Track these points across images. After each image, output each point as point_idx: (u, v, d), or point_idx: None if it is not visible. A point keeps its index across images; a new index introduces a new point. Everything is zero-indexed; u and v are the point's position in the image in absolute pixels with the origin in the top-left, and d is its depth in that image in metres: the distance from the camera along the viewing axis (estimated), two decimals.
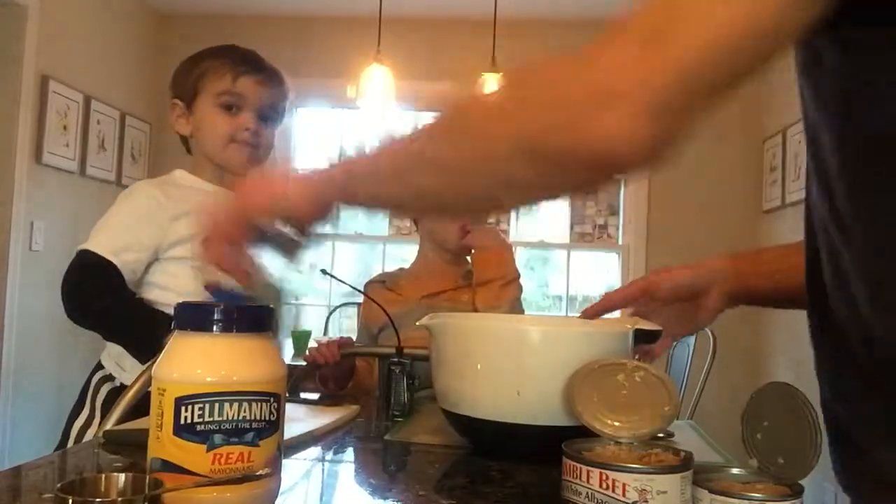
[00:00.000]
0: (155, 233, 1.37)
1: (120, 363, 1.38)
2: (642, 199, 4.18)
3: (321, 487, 0.83)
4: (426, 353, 0.98)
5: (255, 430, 0.62)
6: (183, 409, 0.60)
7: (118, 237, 1.36)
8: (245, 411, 0.61)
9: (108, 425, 1.04)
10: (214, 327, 0.62)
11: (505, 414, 0.86)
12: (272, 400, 0.63)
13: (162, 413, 0.61)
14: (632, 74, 0.50)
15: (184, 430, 0.60)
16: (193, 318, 0.63)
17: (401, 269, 1.84)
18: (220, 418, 0.61)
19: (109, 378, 1.39)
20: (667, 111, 0.50)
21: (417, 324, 0.96)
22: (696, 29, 0.50)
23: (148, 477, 0.63)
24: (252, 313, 0.66)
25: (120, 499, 0.62)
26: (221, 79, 1.43)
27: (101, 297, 1.33)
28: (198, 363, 0.62)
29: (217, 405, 0.60)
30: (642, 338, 0.93)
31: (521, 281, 1.77)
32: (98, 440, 0.93)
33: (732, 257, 1.02)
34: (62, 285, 1.33)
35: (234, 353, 0.63)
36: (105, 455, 0.86)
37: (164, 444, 0.61)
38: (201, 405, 0.60)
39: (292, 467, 0.87)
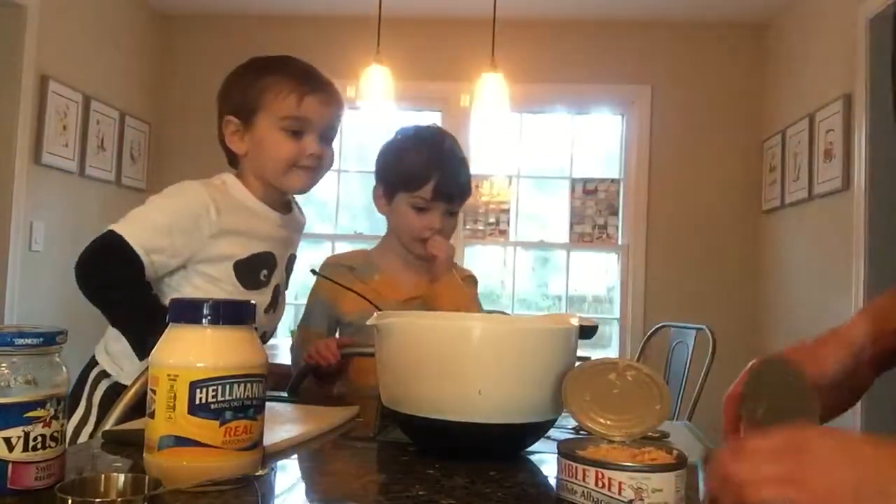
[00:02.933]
0: (192, 244, 1.31)
1: (118, 363, 1.37)
2: (642, 199, 4.18)
3: (320, 488, 0.83)
4: None
5: (254, 406, 0.72)
6: (198, 391, 0.69)
7: (155, 237, 1.29)
8: (248, 391, 0.72)
9: (108, 425, 1.05)
10: (221, 321, 0.72)
11: (461, 413, 0.86)
12: (263, 381, 0.74)
13: (175, 396, 0.69)
14: None
15: (199, 409, 0.69)
16: (204, 312, 0.72)
17: (365, 255, 1.71)
18: (231, 397, 0.70)
19: (105, 375, 1.38)
20: None
21: (368, 323, 0.94)
22: None
23: (148, 477, 0.64)
24: (248, 310, 0.76)
25: (120, 499, 0.62)
26: (285, 100, 1.35)
27: (120, 287, 1.28)
28: (210, 351, 0.71)
29: (228, 386, 0.70)
30: (583, 333, 0.94)
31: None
32: (98, 440, 0.93)
33: (871, 320, 0.86)
34: (82, 258, 1.27)
35: (238, 342, 0.73)
36: (105, 455, 0.86)
37: (178, 423, 0.69)
38: (215, 387, 0.69)
39: (292, 468, 0.87)
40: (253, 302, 0.77)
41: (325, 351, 1.43)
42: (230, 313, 0.73)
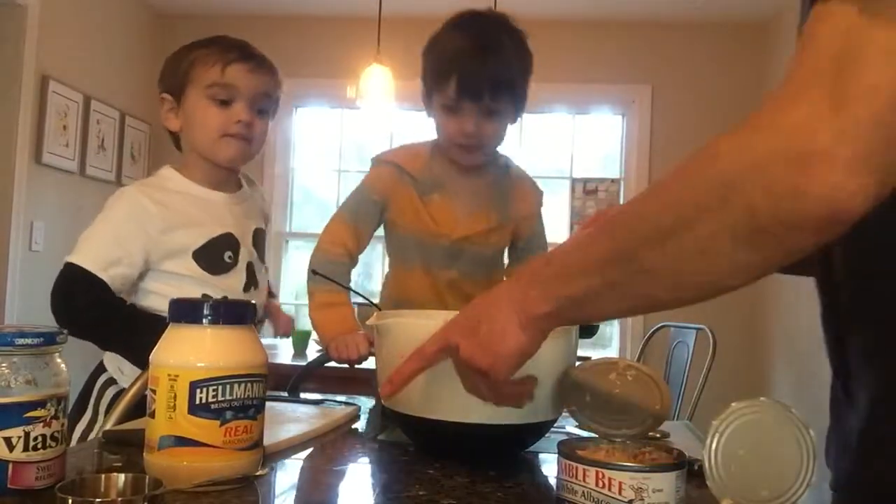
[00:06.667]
0: (145, 245, 1.31)
1: (121, 367, 1.37)
2: None
3: (321, 488, 0.83)
4: None
5: (255, 406, 0.72)
6: (198, 391, 0.69)
7: (106, 251, 1.29)
8: (248, 391, 0.71)
9: (108, 425, 1.05)
10: (221, 321, 0.72)
11: (460, 414, 0.85)
12: (264, 380, 0.74)
13: (175, 396, 0.68)
14: (825, 132, 0.50)
15: (199, 409, 0.69)
16: (205, 312, 0.72)
17: (426, 161, 1.52)
18: (231, 397, 0.70)
19: (113, 382, 1.38)
20: (868, 163, 0.50)
21: (367, 323, 0.92)
22: (881, 76, 0.50)
23: (148, 477, 0.64)
24: (249, 310, 0.76)
25: (120, 499, 0.62)
26: (210, 69, 1.35)
27: (92, 310, 1.28)
28: (211, 351, 0.71)
29: (228, 386, 0.70)
30: (583, 332, 0.94)
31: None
32: (98, 440, 0.93)
33: None
34: (52, 299, 1.28)
35: (238, 342, 0.73)
36: (105, 455, 0.86)
37: (178, 423, 0.68)
38: (215, 387, 0.69)
39: (292, 468, 0.87)
40: (254, 302, 0.77)
41: (353, 349, 1.36)
42: (230, 313, 0.73)
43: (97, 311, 1.29)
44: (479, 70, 1.37)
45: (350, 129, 4.39)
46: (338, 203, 4.48)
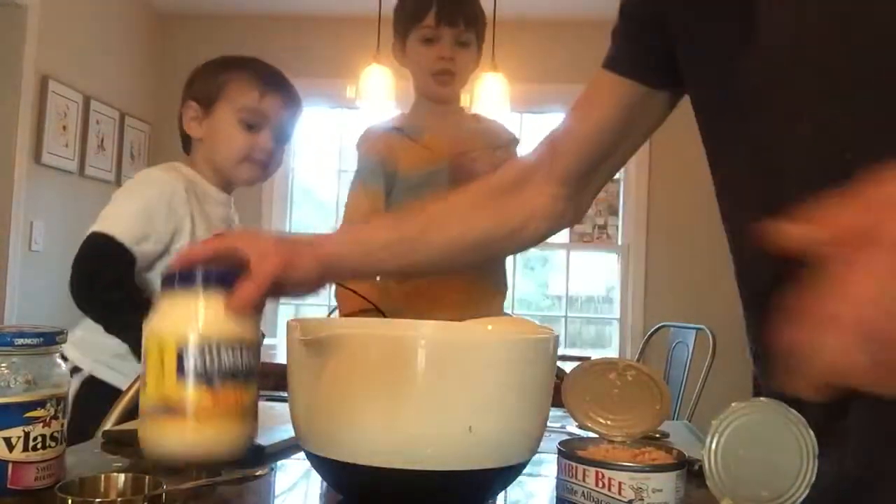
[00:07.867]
0: (172, 225, 1.34)
1: (118, 367, 1.35)
2: (642, 199, 4.18)
3: (321, 487, 0.83)
4: None
5: (245, 372, 0.70)
6: (187, 357, 0.67)
7: (138, 226, 1.30)
8: (238, 356, 0.69)
9: (108, 425, 1.05)
10: (212, 287, 0.70)
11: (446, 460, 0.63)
12: (254, 350, 0.72)
13: (163, 363, 0.67)
14: None
15: (190, 375, 0.67)
16: (195, 277, 0.71)
17: (407, 118, 1.70)
18: (221, 364, 0.68)
19: (77, 370, 1.33)
20: None
21: (299, 338, 0.67)
22: None
23: (148, 477, 0.64)
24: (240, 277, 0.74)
25: (120, 499, 0.62)
26: (247, 93, 1.40)
27: (114, 291, 1.27)
28: (200, 317, 0.69)
29: (217, 351, 0.68)
30: None
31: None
32: (98, 440, 0.93)
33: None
34: (75, 271, 1.27)
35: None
36: (105, 455, 0.86)
37: (168, 390, 0.67)
38: (206, 353, 0.68)
39: (292, 467, 0.87)
40: None
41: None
42: (221, 280, 0.71)
43: (118, 294, 1.28)
44: (455, 1, 1.58)
45: (350, 129, 4.39)
46: (338, 203, 4.49)
